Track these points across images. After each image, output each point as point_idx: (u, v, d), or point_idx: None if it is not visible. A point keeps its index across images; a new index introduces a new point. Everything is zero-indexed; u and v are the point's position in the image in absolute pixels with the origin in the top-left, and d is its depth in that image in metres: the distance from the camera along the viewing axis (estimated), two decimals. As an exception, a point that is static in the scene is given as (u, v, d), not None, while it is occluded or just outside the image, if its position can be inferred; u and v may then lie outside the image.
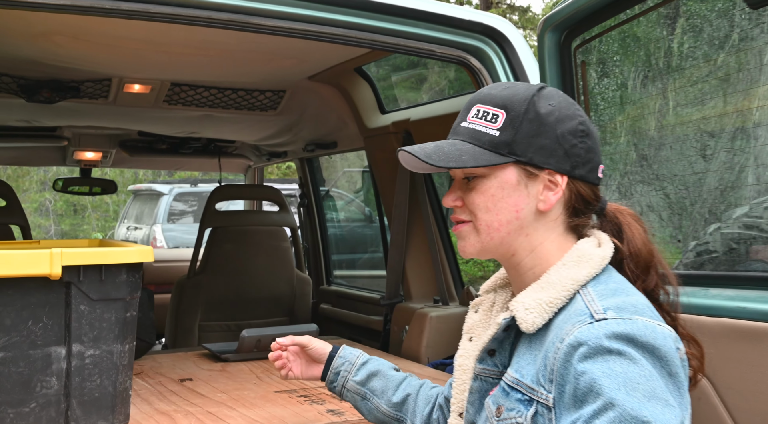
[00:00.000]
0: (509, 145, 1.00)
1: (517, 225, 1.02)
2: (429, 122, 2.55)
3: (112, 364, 1.54)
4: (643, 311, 0.92)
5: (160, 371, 2.27)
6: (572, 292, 0.96)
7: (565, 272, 0.98)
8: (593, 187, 1.04)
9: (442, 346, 2.52)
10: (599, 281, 0.98)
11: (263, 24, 1.67)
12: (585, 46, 1.53)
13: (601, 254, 1.00)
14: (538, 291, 0.99)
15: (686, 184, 1.38)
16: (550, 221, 1.03)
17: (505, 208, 1.01)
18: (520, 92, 1.02)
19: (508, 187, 1.01)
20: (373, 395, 1.35)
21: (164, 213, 10.62)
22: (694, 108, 1.29)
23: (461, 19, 1.86)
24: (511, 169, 1.01)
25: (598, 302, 0.93)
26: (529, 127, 0.99)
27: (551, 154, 0.99)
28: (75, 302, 1.50)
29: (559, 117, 1.00)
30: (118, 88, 2.65)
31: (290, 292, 3.40)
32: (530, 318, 0.97)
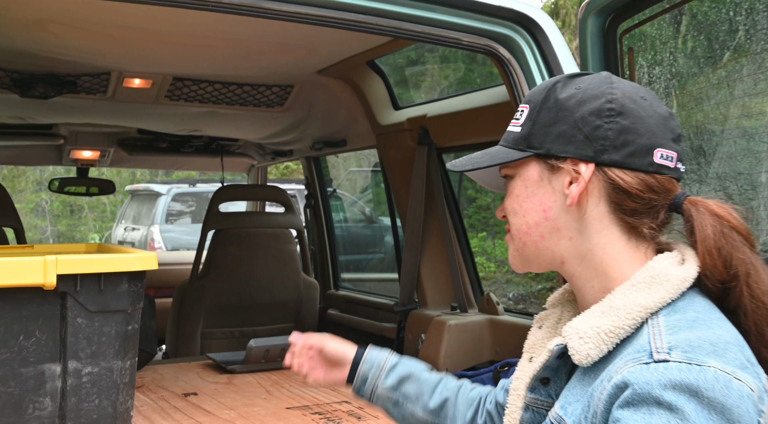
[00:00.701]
0: (527, 138, 0.89)
1: (549, 227, 0.88)
2: (447, 118, 2.41)
3: (112, 382, 1.40)
4: (724, 353, 0.72)
5: (163, 385, 2.12)
6: (639, 321, 0.79)
7: (633, 295, 0.81)
8: (645, 175, 0.84)
9: (462, 356, 2.38)
10: (675, 309, 0.79)
11: (278, 9, 1.53)
12: (633, 31, 1.39)
13: (682, 274, 0.81)
14: (598, 317, 0.82)
15: (753, 183, 1.24)
16: (593, 220, 0.86)
17: (531, 209, 0.89)
18: (546, 81, 0.92)
19: (530, 184, 0.89)
20: (407, 400, 1.17)
21: (162, 214, 10.50)
22: (765, 98, 1.16)
23: (490, 5, 1.71)
24: (532, 165, 0.89)
25: (665, 336, 0.75)
26: (546, 116, 0.88)
27: (570, 140, 0.85)
28: (71, 314, 1.35)
29: (581, 99, 0.86)
30: (118, 83, 2.50)
31: (297, 297, 3.25)
32: (584, 349, 0.81)
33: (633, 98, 0.86)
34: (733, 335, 0.77)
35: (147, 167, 7.46)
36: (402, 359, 1.23)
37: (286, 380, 2.20)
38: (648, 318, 0.79)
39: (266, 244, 3.19)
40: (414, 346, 2.60)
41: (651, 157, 0.84)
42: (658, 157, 0.85)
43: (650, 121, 0.85)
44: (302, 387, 2.11)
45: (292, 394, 2.03)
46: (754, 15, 1.10)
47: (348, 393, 2.06)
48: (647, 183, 0.84)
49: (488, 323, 2.43)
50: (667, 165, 0.85)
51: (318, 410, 1.87)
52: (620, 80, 0.89)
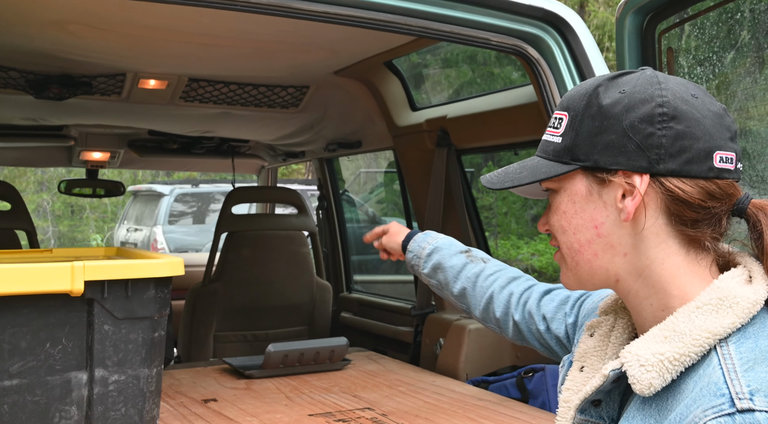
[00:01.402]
0: (570, 150, 0.82)
1: (602, 244, 0.82)
2: (468, 120, 2.37)
3: (138, 390, 1.36)
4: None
5: (181, 390, 2.09)
6: (707, 348, 0.74)
7: (700, 320, 0.75)
8: (705, 182, 0.78)
9: (482, 361, 2.35)
10: (746, 335, 0.74)
11: (307, 9, 1.50)
12: (673, 30, 1.36)
13: (753, 297, 0.75)
14: (660, 342, 0.76)
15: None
16: (649, 234, 0.80)
17: (581, 226, 0.83)
18: (585, 85, 0.84)
19: (579, 199, 0.83)
20: (441, 286, 1.35)
21: (165, 214, 10.48)
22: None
23: (520, 4, 1.68)
24: (578, 178, 0.83)
25: (741, 374, 0.69)
26: (590, 125, 0.81)
27: (620, 151, 0.79)
28: (98, 321, 1.32)
29: (628, 104, 0.79)
30: (133, 84, 2.47)
31: (310, 300, 3.22)
32: (647, 378, 0.75)
33: (684, 98, 0.79)
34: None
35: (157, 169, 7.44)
36: (437, 245, 1.37)
37: (305, 386, 2.16)
38: (716, 345, 0.74)
39: (279, 246, 3.16)
40: (432, 350, 2.57)
41: (711, 162, 0.78)
42: (718, 161, 0.78)
43: (706, 123, 0.79)
44: (323, 393, 2.07)
45: (313, 400, 2.00)
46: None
47: (370, 400, 2.03)
48: (708, 190, 0.78)
49: (509, 328, 2.39)
50: (727, 168, 0.79)
51: (341, 417, 1.83)
52: (667, 78, 0.82)
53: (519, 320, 1.19)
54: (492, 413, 1.87)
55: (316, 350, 2.30)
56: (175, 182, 11.47)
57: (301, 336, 3.21)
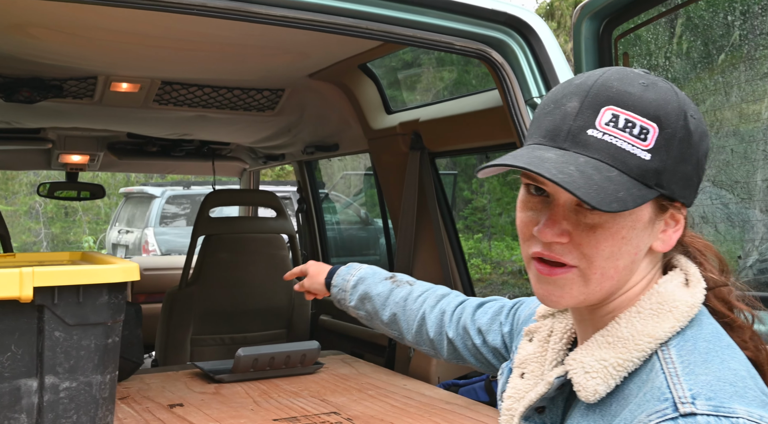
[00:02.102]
0: (659, 174, 0.72)
1: (632, 270, 0.77)
2: (441, 123, 2.37)
3: (90, 397, 1.35)
4: (744, 392, 0.68)
5: (148, 395, 2.08)
6: (648, 352, 0.74)
7: (640, 325, 0.75)
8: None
9: (454, 365, 2.34)
10: (685, 338, 0.74)
11: (264, 13, 1.49)
12: (628, 35, 1.36)
13: (690, 300, 0.75)
14: (604, 348, 0.75)
15: (750, 192, 1.20)
16: (656, 260, 0.80)
17: (627, 252, 0.74)
18: (670, 97, 0.73)
19: (640, 226, 0.74)
20: (371, 316, 1.33)
21: (156, 216, 10.46)
22: (762, 104, 1.12)
23: (483, 8, 1.68)
24: (648, 203, 0.74)
25: (683, 378, 0.69)
26: (679, 150, 0.72)
27: (689, 184, 0.75)
28: (49, 327, 1.30)
29: (701, 134, 0.75)
30: (105, 87, 2.46)
31: (288, 302, 3.21)
32: (591, 385, 0.75)
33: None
34: (744, 364, 0.73)
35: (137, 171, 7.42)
36: (361, 275, 1.35)
37: (275, 391, 2.15)
38: (657, 349, 0.74)
39: (258, 249, 3.15)
40: (406, 353, 2.57)
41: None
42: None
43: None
44: (291, 397, 2.07)
45: (280, 405, 1.99)
46: (751, 19, 1.07)
47: (338, 404, 2.02)
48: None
49: (481, 331, 2.39)
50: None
51: (306, 422, 1.82)
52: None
53: (453, 336, 1.17)
54: (458, 417, 1.87)
55: (287, 354, 2.30)
56: (167, 184, 11.45)
57: (279, 339, 3.20)
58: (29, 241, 15.65)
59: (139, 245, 10.39)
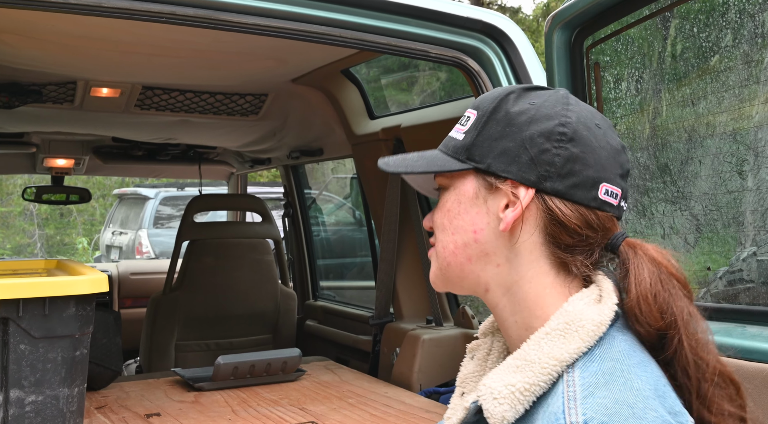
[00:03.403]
0: (469, 149, 0.81)
1: (478, 250, 0.81)
2: (421, 129, 2.36)
3: (57, 411, 1.34)
4: (644, 414, 0.67)
5: (126, 404, 2.06)
6: (555, 376, 0.73)
7: (548, 347, 0.74)
8: (586, 210, 0.78)
9: (436, 371, 2.34)
10: (592, 358, 0.73)
11: (235, 21, 1.48)
12: (599, 45, 1.35)
13: (597, 318, 0.74)
14: (512, 372, 0.75)
15: (718, 204, 1.20)
16: (524, 250, 0.79)
17: (461, 227, 0.81)
18: (499, 90, 0.83)
19: (465, 200, 0.81)
20: None
21: (150, 218, 10.42)
22: (729, 117, 1.12)
23: (458, 17, 1.67)
24: (470, 179, 0.81)
25: (579, 402, 0.69)
26: (494, 129, 0.80)
27: (513, 160, 0.78)
28: (13, 340, 1.29)
29: (533, 117, 0.79)
30: (85, 92, 2.44)
31: (274, 308, 3.20)
32: (499, 411, 0.73)
33: (587, 125, 0.80)
34: (653, 382, 0.71)
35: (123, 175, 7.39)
36: None
37: (254, 399, 2.14)
38: (564, 372, 0.73)
39: (243, 254, 3.14)
40: (389, 360, 2.56)
41: (595, 192, 0.78)
42: (603, 193, 0.79)
43: (601, 153, 0.79)
44: (270, 406, 2.06)
45: (258, 414, 1.98)
46: (716, 32, 1.06)
47: (317, 412, 2.01)
48: (587, 219, 0.78)
49: (462, 337, 2.38)
50: (610, 202, 0.79)
51: (283, 432, 1.82)
52: (577, 102, 0.82)
53: None
54: (436, 427, 1.86)
55: (268, 362, 2.29)
56: (161, 186, 11.42)
57: (265, 345, 3.19)
58: (23, 242, 15.59)
59: (133, 247, 10.36)
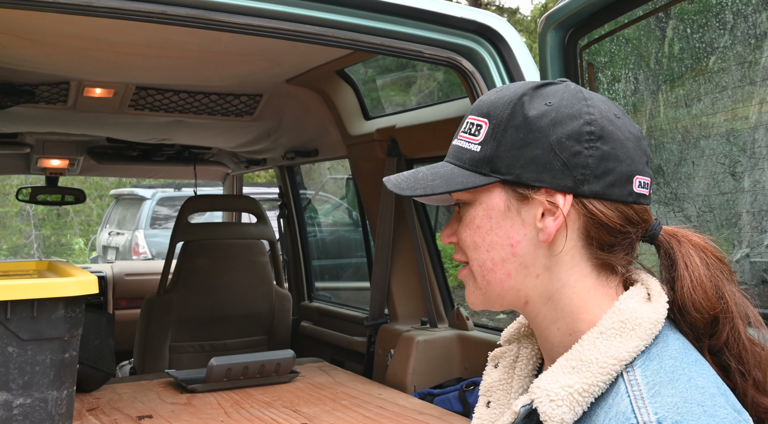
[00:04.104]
0: (491, 161, 0.77)
1: (516, 263, 0.78)
2: (416, 129, 2.35)
3: (46, 414, 1.33)
4: (714, 411, 0.66)
5: (118, 406, 2.05)
6: (614, 375, 0.71)
7: (604, 346, 0.72)
8: (624, 206, 0.76)
9: (431, 373, 2.33)
10: (650, 356, 0.72)
11: (228, 21, 1.47)
12: (593, 45, 1.34)
13: (653, 317, 0.73)
14: (568, 373, 0.73)
15: (711, 206, 1.19)
16: (565, 256, 0.77)
17: (496, 243, 0.78)
18: (508, 93, 0.79)
19: (495, 214, 0.78)
20: None
21: (147, 218, 10.40)
22: (723, 118, 1.11)
23: (452, 17, 1.67)
24: (497, 192, 0.78)
25: (648, 401, 0.67)
26: (514, 136, 0.76)
27: (545, 168, 0.75)
28: (1, 342, 1.28)
29: (555, 118, 0.75)
30: (78, 92, 2.43)
31: (269, 309, 3.19)
32: (558, 414, 0.71)
33: (609, 118, 0.77)
34: (714, 380, 0.71)
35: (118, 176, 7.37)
36: None
37: (248, 401, 2.13)
38: (623, 371, 0.71)
39: (237, 255, 3.12)
40: (383, 361, 2.55)
41: (631, 186, 0.76)
42: (637, 185, 0.76)
43: (628, 145, 0.76)
44: (263, 408, 2.05)
45: (251, 416, 1.97)
46: (710, 33, 1.05)
47: (310, 414, 2.00)
48: (627, 215, 0.76)
49: (457, 339, 2.38)
50: (644, 193, 0.77)
51: (276, 434, 1.80)
52: (591, 94, 0.79)
53: None
54: (431, 429, 1.85)
55: (261, 364, 2.27)
56: (158, 186, 11.40)
57: (260, 346, 3.18)
58: (20, 243, 15.55)
59: (130, 247, 10.34)
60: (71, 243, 14.76)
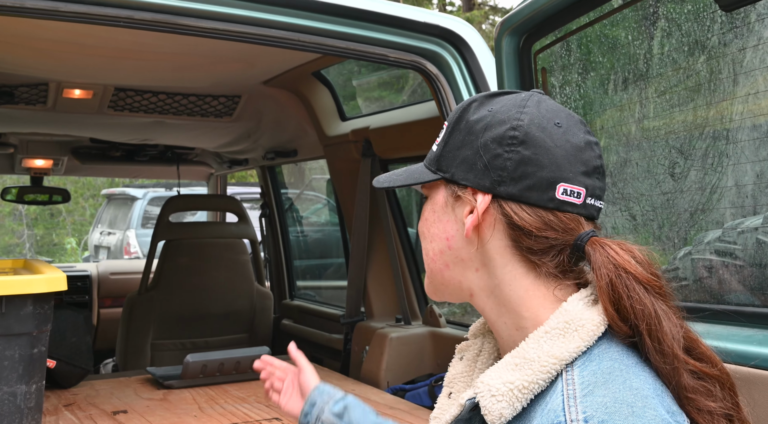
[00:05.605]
0: (438, 160, 0.84)
1: (452, 256, 0.83)
2: (389, 130, 2.40)
3: (15, 407, 1.37)
4: (642, 412, 0.67)
5: (95, 402, 2.09)
6: (554, 374, 0.73)
7: (547, 345, 0.74)
8: (543, 211, 0.77)
9: (403, 369, 2.37)
10: (591, 357, 0.73)
11: (193, 25, 1.51)
12: (546, 50, 1.39)
13: (597, 319, 0.74)
14: (511, 370, 0.75)
15: (654, 205, 1.24)
16: (494, 254, 0.80)
17: (436, 235, 0.85)
18: (467, 99, 0.86)
19: (438, 209, 0.85)
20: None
21: (138, 218, 10.40)
22: (661, 121, 1.16)
23: (416, 21, 1.71)
24: (441, 189, 0.85)
25: (579, 400, 0.69)
26: (457, 138, 0.82)
27: (471, 168, 0.80)
28: (-30, 338, 1.32)
29: (489, 123, 0.80)
30: (57, 94, 2.46)
31: (250, 307, 3.23)
32: (497, 409, 0.73)
33: (542, 125, 0.78)
34: (651, 382, 0.72)
35: (102, 176, 7.40)
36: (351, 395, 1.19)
37: (222, 396, 2.17)
38: (562, 370, 0.73)
39: (219, 254, 3.16)
40: (359, 358, 2.59)
41: (552, 192, 0.77)
42: (560, 193, 0.77)
43: (557, 153, 0.77)
44: (237, 403, 2.09)
45: (224, 411, 2.01)
46: (649, 40, 1.10)
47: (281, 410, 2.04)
48: (545, 220, 0.77)
49: (430, 336, 2.42)
50: (571, 201, 0.77)
51: (247, 428, 1.85)
52: (539, 103, 0.81)
53: None
54: (400, 422, 1.90)
55: (237, 360, 2.31)
56: (150, 186, 11.40)
57: (241, 344, 3.22)
58: (12, 242, 15.51)
59: (121, 247, 10.34)
60: (63, 243, 14.74)
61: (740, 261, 1.21)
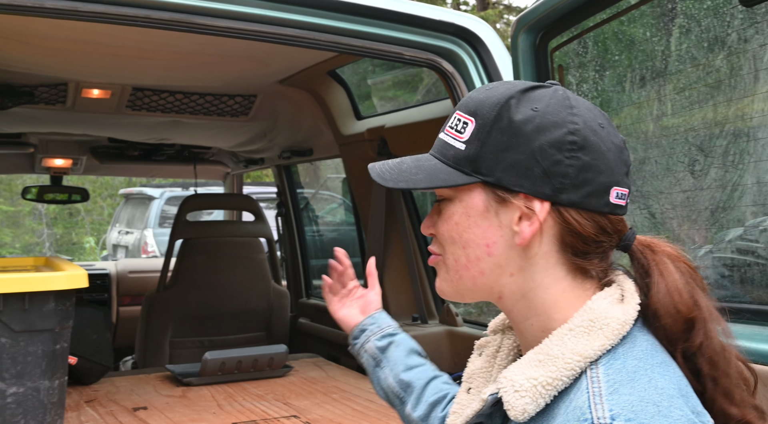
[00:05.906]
0: (473, 161, 0.78)
1: (491, 263, 0.79)
2: (405, 129, 2.40)
3: (38, 402, 1.39)
4: (669, 411, 0.67)
5: (115, 398, 2.12)
6: (578, 371, 0.73)
7: (571, 343, 0.74)
8: (599, 217, 0.77)
9: (420, 367, 2.37)
10: (616, 356, 0.73)
11: (210, 24, 1.52)
12: (563, 48, 1.38)
13: (622, 317, 0.74)
14: (534, 366, 0.75)
15: (673, 203, 1.23)
16: (539, 259, 0.78)
17: (472, 241, 0.80)
18: (497, 94, 0.79)
19: (474, 214, 0.79)
20: (387, 364, 1.16)
21: (155, 217, 10.51)
22: (681, 118, 1.15)
23: (431, 20, 1.71)
24: (478, 192, 0.79)
25: (605, 398, 0.69)
26: (498, 139, 0.77)
27: (525, 173, 0.76)
28: (-6, 334, 1.34)
29: (540, 125, 0.76)
30: (76, 93, 2.49)
31: (266, 306, 3.24)
32: (520, 404, 0.74)
33: (593, 128, 0.77)
34: (676, 382, 0.72)
35: (120, 175, 7.49)
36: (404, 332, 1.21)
37: (241, 394, 2.19)
38: (587, 368, 0.73)
39: (235, 253, 3.18)
40: (376, 357, 2.59)
41: (607, 197, 0.77)
42: (614, 197, 0.77)
43: (609, 156, 0.77)
44: (255, 400, 2.10)
45: (243, 408, 2.03)
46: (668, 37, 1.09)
47: (300, 407, 2.06)
48: (601, 225, 0.77)
49: (447, 335, 2.42)
50: (620, 204, 0.78)
51: (265, 425, 1.86)
52: (577, 101, 0.79)
53: None
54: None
55: (254, 358, 2.33)
56: (167, 185, 11.51)
57: (258, 342, 3.24)
58: (32, 241, 15.73)
59: (139, 246, 10.45)
60: (82, 242, 14.93)
61: (763, 259, 1.19)
